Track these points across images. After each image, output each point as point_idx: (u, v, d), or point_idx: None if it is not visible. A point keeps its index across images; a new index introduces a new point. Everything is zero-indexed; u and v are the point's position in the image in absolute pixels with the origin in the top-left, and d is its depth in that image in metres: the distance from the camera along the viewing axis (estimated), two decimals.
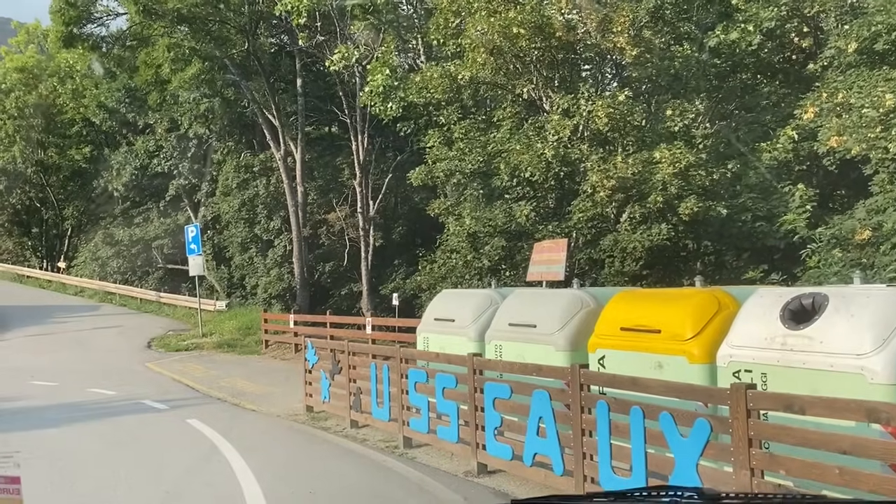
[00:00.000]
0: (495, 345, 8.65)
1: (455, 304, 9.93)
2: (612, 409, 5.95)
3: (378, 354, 10.06)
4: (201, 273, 24.84)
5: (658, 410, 5.51)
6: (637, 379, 5.84)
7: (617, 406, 5.92)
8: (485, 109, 17.82)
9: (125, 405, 13.13)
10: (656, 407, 5.56)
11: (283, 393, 13.62)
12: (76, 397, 14.21)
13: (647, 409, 5.61)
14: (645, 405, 5.66)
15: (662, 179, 12.86)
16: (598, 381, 6.36)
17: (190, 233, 23.99)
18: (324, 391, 10.98)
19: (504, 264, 15.89)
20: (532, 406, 6.77)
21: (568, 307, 8.03)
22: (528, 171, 13.88)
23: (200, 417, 11.38)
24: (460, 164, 15.02)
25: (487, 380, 7.45)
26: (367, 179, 25.09)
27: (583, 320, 7.87)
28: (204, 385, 15.18)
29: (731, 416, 5.03)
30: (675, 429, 5.41)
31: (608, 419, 5.97)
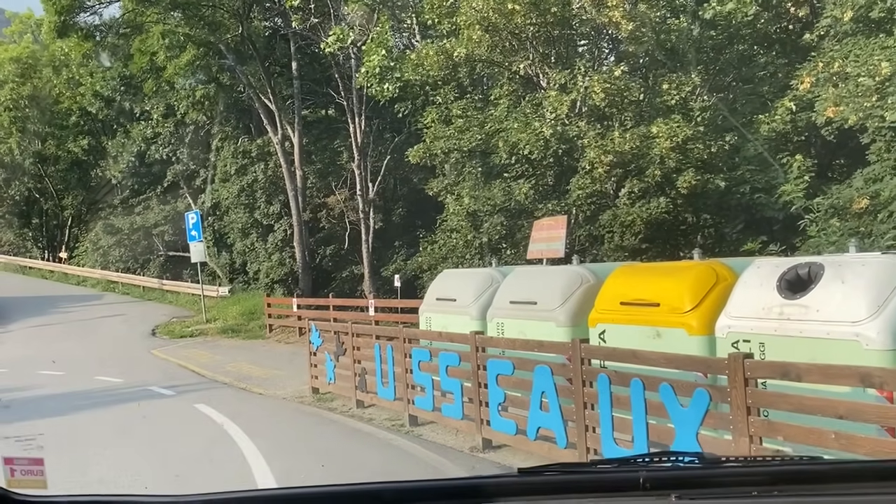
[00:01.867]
0: (497, 322, 8.75)
1: (456, 283, 10.02)
2: (613, 381, 6.06)
3: (381, 335, 10.16)
4: (203, 259, 24.96)
5: (658, 382, 5.62)
6: (637, 352, 5.94)
7: (617, 379, 6.02)
8: (482, 88, 17.81)
9: (132, 392, 13.28)
10: (656, 379, 5.67)
11: (288, 376, 13.76)
12: (84, 385, 14.36)
13: (648, 381, 5.72)
14: (645, 377, 5.77)
15: (660, 154, 12.90)
16: (598, 354, 6.47)
17: (190, 219, 24.08)
18: (329, 373, 11.12)
19: (504, 243, 15.98)
20: (534, 381, 6.88)
21: (568, 283, 8.12)
22: (526, 148, 13.91)
23: (208, 402, 11.53)
24: (458, 143, 15.04)
25: (490, 357, 7.56)
26: (365, 162, 25.10)
27: (583, 296, 7.97)
28: (210, 370, 15.34)
29: (729, 385, 5.13)
30: (675, 399, 5.53)
31: (609, 392, 6.08)
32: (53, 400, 12.89)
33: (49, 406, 12.41)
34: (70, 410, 11.74)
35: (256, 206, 28.30)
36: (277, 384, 13.10)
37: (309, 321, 12.05)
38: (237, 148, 28.49)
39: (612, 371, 6.11)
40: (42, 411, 11.98)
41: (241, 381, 13.78)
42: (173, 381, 14.22)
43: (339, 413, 10.26)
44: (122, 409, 11.75)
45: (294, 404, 11.31)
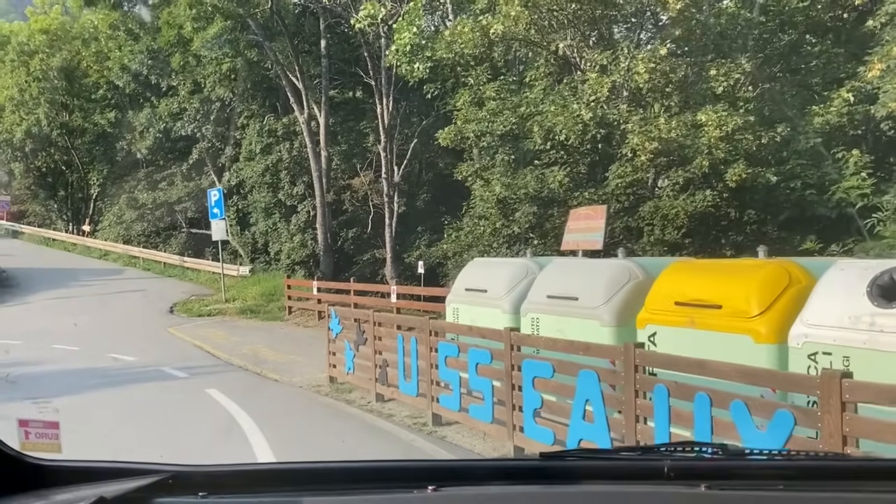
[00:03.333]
0: (531, 318, 7.95)
1: (488, 273, 9.22)
2: (673, 393, 5.24)
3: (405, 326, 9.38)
4: (224, 238, 24.35)
5: (729, 398, 4.79)
6: (705, 362, 5.09)
7: (678, 391, 5.20)
8: (516, 69, 16.91)
9: (145, 372, 12.66)
10: (728, 394, 4.83)
11: (306, 362, 13.07)
12: (96, 362, 13.78)
13: (717, 395, 4.89)
14: (712, 391, 4.94)
15: (708, 143, 11.95)
16: (656, 362, 5.62)
17: (213, 196, 23.44)
18: (348, 362, 10.38)
19: (532, 233, 15.15)
20: (578, 387, 6.07)
21: (614, 278, 7.28)
22: (562, 133, 13.02)
23: (220, 387, 10.85)
24: (491, 126, 14.18)
25: (527, 357, 6.75)
26: (391, 144, 24.32)
27: (631, 293, 7.14)
28: (225, 352, 14.69)
29: (820, 408, 4.29)
30: (749, 420, 4.69)
31: (668, 405, 5.26)
32: (62, 377, 12.30)
33: (57, 383, 11.83)
34: (77, 389, 11.13)
35: (280, 186, 27.65)
36: (294, 370, 12.40)
37: (328, 306, 11.30)
38: (262, 126, 27.82)
39: (673, 382, 5.28)
40: (48, 388, 11.40)
41: (257, 364, 13.10)
42: (187, 362, 13.59)
43: (357, 406, 9.52)
44: (131, 390, 11.13)
45: (310, 394, 10.59)
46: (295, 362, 13.20)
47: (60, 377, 12.23)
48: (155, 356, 14.43)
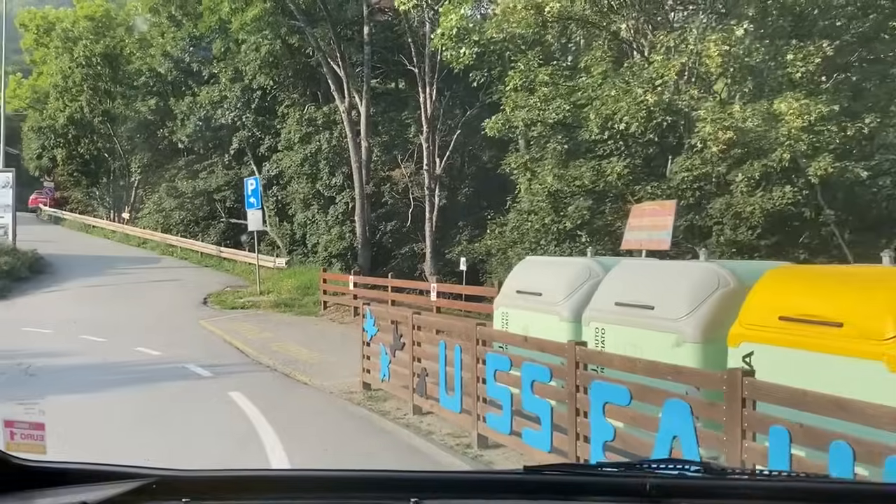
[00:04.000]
0: (595, 328, 6.78)
1: (543, 274, 8.06)
2: (797, 439, 4.04)
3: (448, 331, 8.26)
4: (260, 228, 23.58)
5: (884, 451, 3.58)
6: (848, 402, 3.86)
7: (805, 436, 4.00)
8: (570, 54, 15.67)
9: (168, 370, 11.79)
10: (879, 445, 3.63)
11: (338, 363, 12.07)
12: (120, 356, 13.00)
13: (862, 446, 3.68)
14: (856, 441, 3.74)
15: (788, 133, 10.60)
16: (773, 397, 4.39)
17: (249, 185, 22.66)
18: (383, 368, 9.32)
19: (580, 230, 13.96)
20: (663, 420, 4.90)
21: (700, 285, 6.08)
22: (622, 121, 11.78)
23: (244, 390, 9.90)
24: (542, 114, 12.98)
25: (597, 377, 5.60)
26: (433, 135, 23.25)
27: (720, 303, 5.93)
28: (255, 349, 13.78)
29: None
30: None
31: (788, 452, 4.07)
32: (81, 371, 11.51)
33: (74, 378, 11.04)
34: (92, 386, 10.31)
35: (319, 176, 26.78)
36: (325, 372, 11.40)
37: (363, 305, 10.24)
38: (302, 115, 26.98)
39: (797, 424, 4.07)
40: (66, 382, 10.63)
41: (286, 364, 12.14)
42: (213, 360, 12.70)
43: (391, 419, 8.45)
44: (149, 390, 10.24)
45: (341, 401, 9.56)
46: (327, 363, 12.22)
47: (79, 372, 11.45)
48: (181, 351, 13.60)
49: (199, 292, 22.31)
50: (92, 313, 18.59)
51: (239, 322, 17.69)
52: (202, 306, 20.56)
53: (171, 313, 18.96)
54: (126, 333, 15.73)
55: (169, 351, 13.55)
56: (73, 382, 10.63)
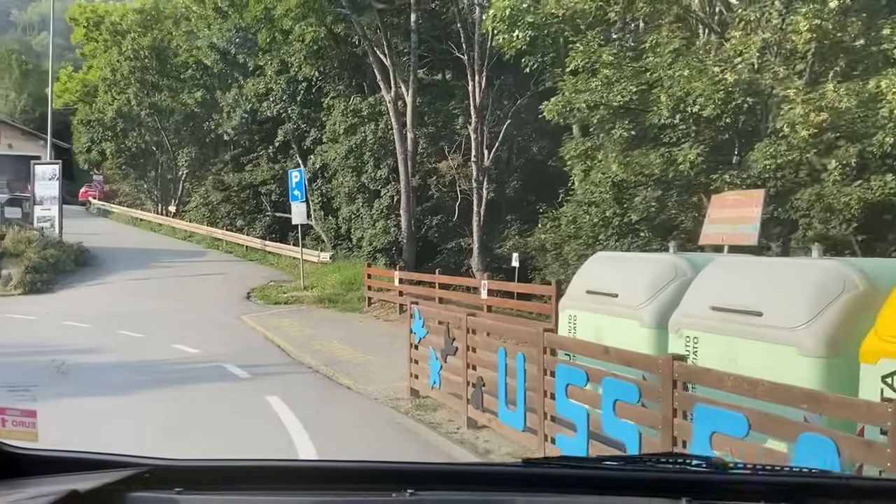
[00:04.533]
0: (686, 337, 5.72)
1: (619, 272, 7.01)
2: None
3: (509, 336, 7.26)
4: (304, 221, 22.92)
5: None
6: None
7: None
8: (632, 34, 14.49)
9: (204, 370, 11.05)
10: None
11: (383, 365, 11.19)
12: (157, 354, 12.35)
13: None
14: None
15: (890, 116, 9.32)
16: None
17: (293, 178, 21.96)
18: (433, 374, 8.37)
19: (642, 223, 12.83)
20: (796, 456, 3.84)
21: (822, 288, 4.98)
22: (696, 103, 10.61)
23: (283, 394, 9.07)
24: (606, 96, 11.86)
25: (700, 400, 4.54)
26: (482, 125, 22.23)
27: (848, 309, 4.83)
28: (297, 347, 13.00)
29: None
30: None
31: None
32: (114, 370, 10.86)
33: (108, 376, 10.40)
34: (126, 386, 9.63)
35: (364, 169, 26.00)
36: (370, 375, 10.52)
37: (411, 304, 9.29)
38: (347, 106, 26.22)
39: None
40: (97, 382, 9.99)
41: (329, 365, 11.30)
42: (253, 359, 11.94)
43: (443, 433, 7.49)
44: (181, 392, 9.48)
45: (387, 410, 8.65)
46: (371, 365, 11.34)
47: (111, 371, 10.79)
48: (220, 349, 12.89)
49: (242, 287, 21.73)
50: (133, 307, 18.12)
51: (281, 318, 16.99)
52: (245, 301, 19.94)
53: (213, 308, 18.37)
54: (165, 329, 15.16)
55: (207, 349, 12.85)
56: (103, 382, 9.97)
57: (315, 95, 29.86)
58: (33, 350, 12.52)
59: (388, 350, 12.61)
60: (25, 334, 14.41)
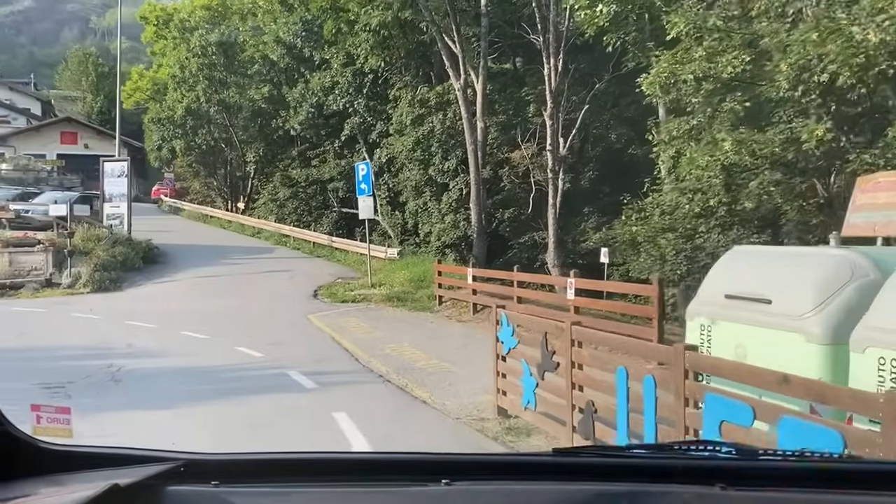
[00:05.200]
0: (880, 358, 4.21)
1: (769, 271, 5.50)
2: None
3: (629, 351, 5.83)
4: (371, 216, 21.85)
5: None
6: None
7: None
8: None
9: (266, 378, 10.00)
10: None
11: (462, 374, 9.93)
12: (218, 358, 11.40)
13: None
14: None
15: None
16: None
17: (360, 171, 20.90)
18: (527, 392, 7.02)
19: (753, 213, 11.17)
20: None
21: None
22: (825, 70, 8.93)
23: (352, 408, 7.90)
24: (715, 67, 10.23)
25: None
26: (558, 112, 20.68)
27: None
28: (366, 351, 11.85)
29: None
30: None
31: None
32: (174, 377, 9.93)
33: (164, 384, 9.47)
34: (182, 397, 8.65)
35: (432, 161, 24.81)
36: (447, 386, 9.26)
37: (496, 307, 7.92)
38: (414, 96, 25.04)
39: None
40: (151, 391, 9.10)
41: (401, 373, 10.09)
42: (319, 365, 10.87)
43: None
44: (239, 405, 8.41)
45: (471, 432, 7.34)
46: (448, 373, 10.08)
47: (169, 378, 9.86)
48: (285, 353, 11.88)
49: (309, 284, 20.83)
50: (199, 306, 17.42)
51: (349, 317, 15.94)
52: (312, 299, 19.00)
53: (280, 307, 17.48)
54: (230, 329, 14.31)
55: (272, 352, 11.85)
56: (157, 392, 9.02)
57: (381, 87, 28.87)
58: (91, 353, 11.75)
59: (465, 356, 11.35)
60: (87, 335, 13.74)
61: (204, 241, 29.12)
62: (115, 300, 18.65)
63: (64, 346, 12.51)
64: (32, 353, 11.72)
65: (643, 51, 19.69)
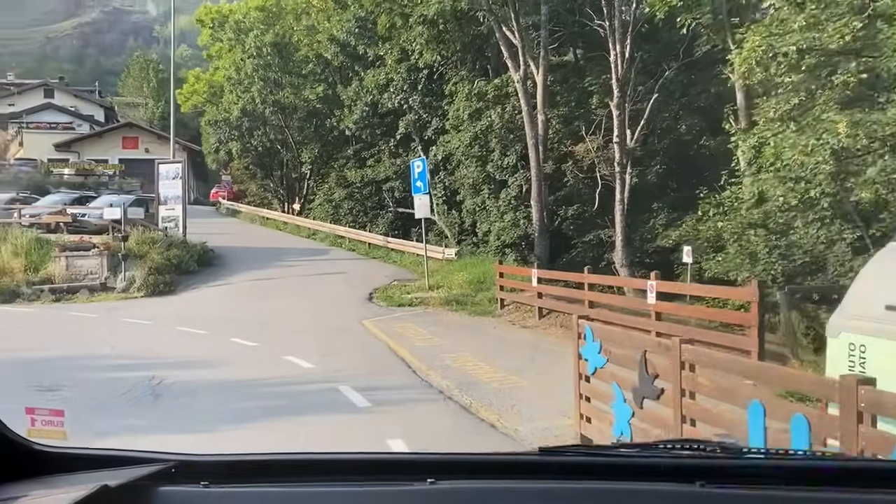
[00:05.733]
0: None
1: None
2: None
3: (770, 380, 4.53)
4: (428, 215, 20.82)
5: None
6: None
7: None
8: None
9: (316, 394, 9.02)
10: None
11: (533, 390, 8.77)
12: (266, 370, 10.50)
13: None
14: None
15: None
16: None
17: (416, 168, 19.89)
18: (619, 422, 5.79)
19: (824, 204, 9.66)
20: None
21: None
22: None
23: (409, 436, 6.85)
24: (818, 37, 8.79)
25: None
26: (624, 101, 19.25)
27: None
28: (424, 362, 10.78)
29: None
30: None
31: None
32: (218, 392, 9.08)
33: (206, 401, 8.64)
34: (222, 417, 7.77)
35: (490, 157, 23.66)
36: (518, 406, 8.09)
37: (578, 317, 6.67)
38: (472, 90, 23.91)
39: None
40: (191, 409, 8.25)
41: (464, 389, 8.97)
42: (373, 378, 9.85)
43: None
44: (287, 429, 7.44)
45: None
46: (517, 389, 8.91)
47: (212, 393, 9.01)
48: (337, 364, 10.93)
49: (364, 287, 19.93)
50: (251, 310, 16.71)
51: (406, 322, 14.93)
52: (367, 303, 18.08)
53: (334, 311, 16.60)
54: (280, 336, 13.50)
55: (323, 363, 10.89)
56: (196, 410, 8.16)
57: (436, 83, 27.88)
58: (135, 363, 11.04)
59: (534, 368, 10.18)
60: (134, 343, 13.10)
61: (259, 243, 28.63)
62: (167, 304, 18.12)
63: (108, 354, 11.87)
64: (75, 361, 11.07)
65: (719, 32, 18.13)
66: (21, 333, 13.89)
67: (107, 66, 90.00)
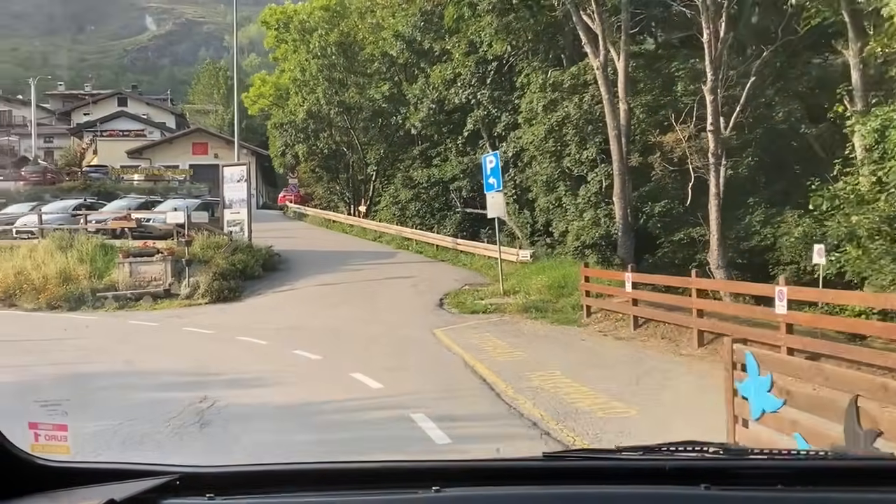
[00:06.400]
0: None
1: None
2: None
3: None
4: (501, 214, 19.27)
5: None
6: None
7: None
8: None
9: (384, 423, 7.60)
10: None
11: (646, 420, 7.11)
12: (329, 390, 9.19)
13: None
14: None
15: None
16: None
17: (488, 163, 18.39)
18: None
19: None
20: None
21: None
22: None
23: None
24: None
25: None
26: (717, 85, 17.25)
27: None
28: (509, 382, 9.22)
29: None
30: None
31: None
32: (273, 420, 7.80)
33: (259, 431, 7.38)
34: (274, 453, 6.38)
35: (566, 152, 21.93)
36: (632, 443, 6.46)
37: (732, 341, 4.97)
38: (545, 80, 22.22)
39: None
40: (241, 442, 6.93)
41: (561, 420, 7.39)
42: (451, 404, 8.37)
43: None
44: None
45: None
46: (627, 420, 7.27)
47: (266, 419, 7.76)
48: (408, 383, 9.53)
49: (434, 292, 18.52)
50: (317, 318, 15.58)
51: (482, 332, 13.43)
52: (437, 309, 16.65)
53: (402, 319, 15.24)
54: (346, 348, 12.25)
55: (392, 382, 9.48)
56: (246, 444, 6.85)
57: (506, 76, 26.32)
58: (188, 381, 9.90)
59: (642, 391, 8.50)
60: (191, 356, 12.02)
61: (325, 246, 27.63)
62: (230, 312, 17.15)
63: (160, 370, 10.79)
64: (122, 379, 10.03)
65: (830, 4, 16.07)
66: (75, 345, 13.04)
67: (179, 76, 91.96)
